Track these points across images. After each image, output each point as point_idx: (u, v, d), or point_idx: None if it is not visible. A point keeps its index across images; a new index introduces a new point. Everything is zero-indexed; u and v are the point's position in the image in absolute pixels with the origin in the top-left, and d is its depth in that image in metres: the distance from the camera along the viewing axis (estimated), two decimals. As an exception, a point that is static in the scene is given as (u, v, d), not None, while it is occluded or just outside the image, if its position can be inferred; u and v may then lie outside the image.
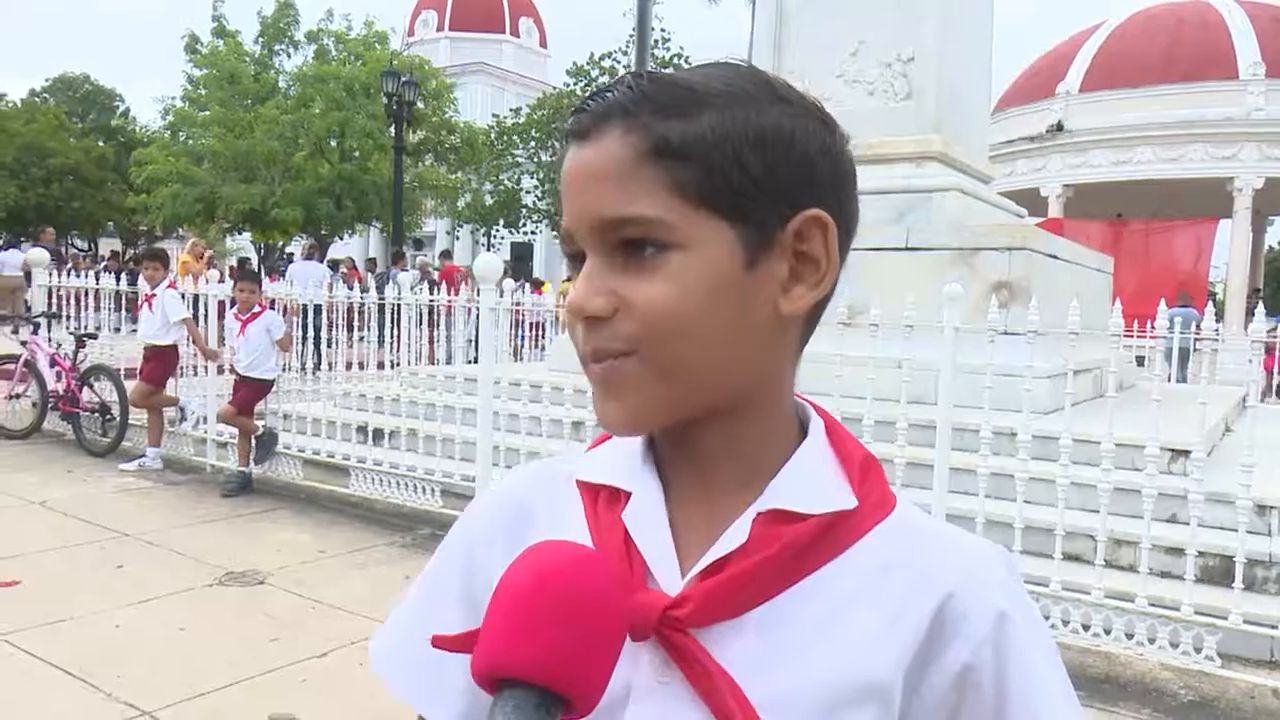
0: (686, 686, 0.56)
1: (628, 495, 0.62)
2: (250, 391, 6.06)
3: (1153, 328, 3.88)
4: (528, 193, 27.65)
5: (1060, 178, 20.70)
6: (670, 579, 0.58)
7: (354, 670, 3.24)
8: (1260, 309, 3.69)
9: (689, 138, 0.55)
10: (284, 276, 8.24)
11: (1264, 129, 18.65)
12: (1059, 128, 20.53)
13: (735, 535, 0.58)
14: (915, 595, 0.59)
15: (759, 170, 0.56)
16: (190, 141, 23.91)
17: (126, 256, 22.86)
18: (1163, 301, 3.94)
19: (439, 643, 0.57)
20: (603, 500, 0.63)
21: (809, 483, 0.60)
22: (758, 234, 0.57)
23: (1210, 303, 3.83)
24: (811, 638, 0.57)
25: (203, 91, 23.63)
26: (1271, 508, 4.02)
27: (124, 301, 8.99)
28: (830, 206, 0.59)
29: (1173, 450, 4.26)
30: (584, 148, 0.58)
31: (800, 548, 0.58)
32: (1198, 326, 6.62)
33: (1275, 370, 10.94)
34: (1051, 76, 21.44)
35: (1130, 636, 3.53)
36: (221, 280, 7.03)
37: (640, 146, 0.55)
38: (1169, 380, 8.06)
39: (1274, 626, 3.34)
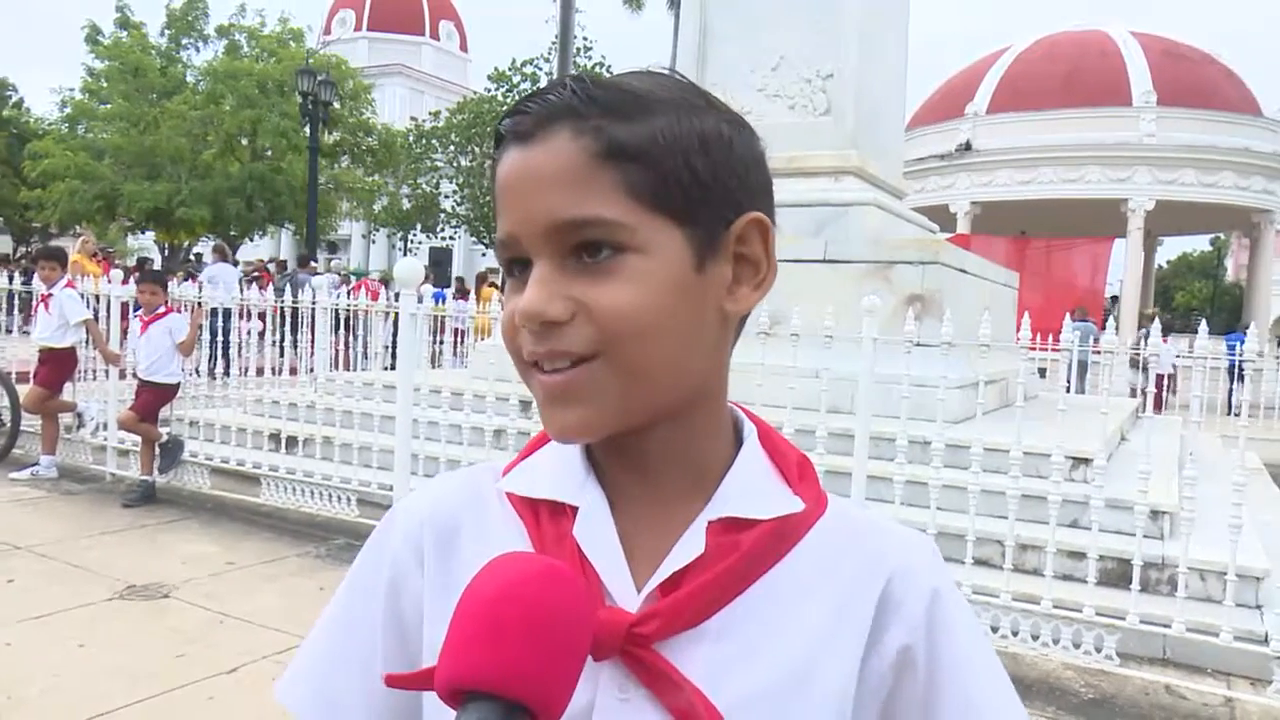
0: (649, 701, 0.56)
1: (573, 509, 0.61)
2: (152, 396, 5.81)
3: (1056, 341, 4.05)
4: (446, 197, 27.27)
5: (968, 195, 21.47)
6: (625, 594, 0.58)
7: (265, 686, 3.13)
8: (1156, 325, 3.88)
9: (641, 140, 0.55)
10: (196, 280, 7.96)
11: (1155, 154, 19.71)
12: (967, 147, 21.30)
13: (691, 546, 0.58)
14: (860, 585, 0.61)
15: (706, 174, 0.57)
16: (90, 135, 22.86)
17: (18, 254, 21.71)
18: (1068, 316, 4.11)
19: (394, 682, 0.54)
20: (545, 516, 0.61)
21: (756, 488, 0.61)
22: (705, 236, 0.57)
23: (1110, 318, 4.02)
24: (768, 640, 0.58)
25: (104, 84, 22.65)
26: (1164, 513, 4.22)
27: (16, 301, 8.54)
28: (765, 211, 0.60)
29: (1075, 458, 4.45)
30: (530, 149, 0.56)
31: (756, 554, 0.59)
32: (1096, 340, 6.93)
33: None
34: (961, 98, 22.23)
35: (1036, 638, 3.67)
36: (125, 281, 6.74)
37: (593, 149, 0.55)
38: (1069, 391, 8.42)
39: (1167, 626, 3.51)
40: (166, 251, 24.68)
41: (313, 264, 15.30)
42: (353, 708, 0.64)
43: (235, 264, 14.78)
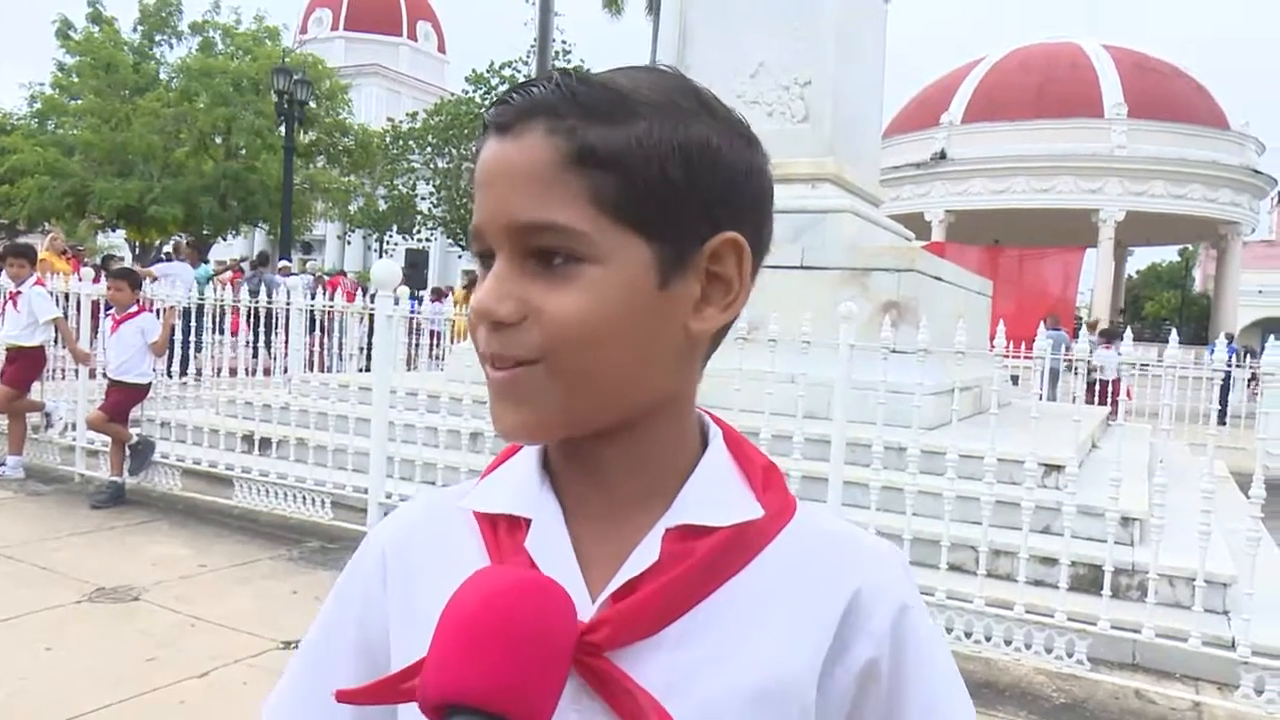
0: (603, 712, 0.55)
1: (528, 522, 0.60)
2: (122, 396, 5.72)
3: (1029, 349, 4.10)
4: (423, 199, 27.13)
5: (943, 203, 21.72)
6: (580, 603, 0.57)
7: (237, 690, 3.09)
8: (1129, 334, 3.94)
9: (615, 146, 0.53)
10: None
11: (1126, 165, 20.04)
12: (942, 156, 21.53)
13: (646, 554, 0.57)
14: (825, 595, 0.60)
15: (683, 186, 0.54)
16: (60, 131, 22.53)
17: (-15, 251, 21.29)
18: (1042, 325, 4.16)
19: (344, 697, 0.56)
20: (503, 530, 0.61)
21: (716, 495, 0.60)
22: (673, 253, 0.55)
23: (1084, 327, 4.07)
24: (729, 647, 0.57)
25: (75, 79, 22.34)
26: (1135, 519, 4.28)
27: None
28: (748, 227, 0.58)
29: (1048, 465, 4.50)
30: (505, 142, 0.55)
31: (713, 561, 0.58)
32: (1067, 349, 7.01)
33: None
34: (936, 107, 22.47)
35: (1009, 643, 3.70)
36: (96, 279, 6.64)
37: (563, 149, 0.53)
38: (1041, 399, 8.52)
39: (1137, 631, 3.55)
40: (137, 250, 24.36)
41: (286, 264, 15.15)
42: None
43: (205, 262, 14.60)
